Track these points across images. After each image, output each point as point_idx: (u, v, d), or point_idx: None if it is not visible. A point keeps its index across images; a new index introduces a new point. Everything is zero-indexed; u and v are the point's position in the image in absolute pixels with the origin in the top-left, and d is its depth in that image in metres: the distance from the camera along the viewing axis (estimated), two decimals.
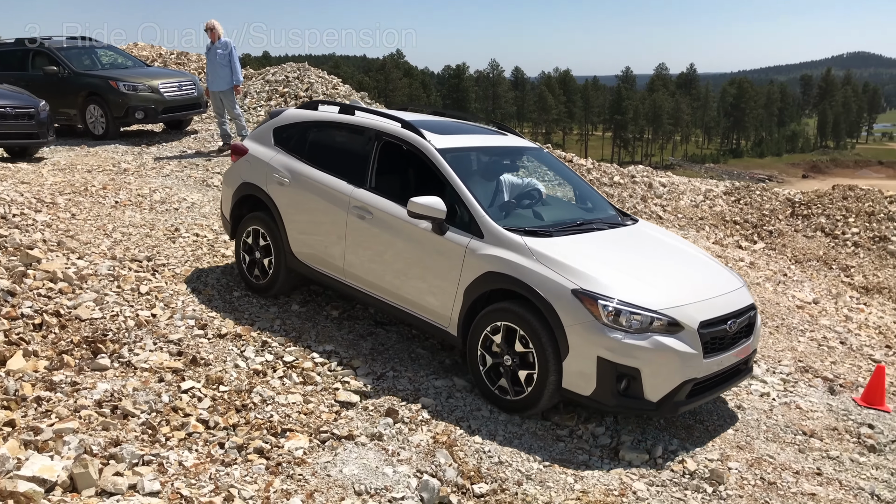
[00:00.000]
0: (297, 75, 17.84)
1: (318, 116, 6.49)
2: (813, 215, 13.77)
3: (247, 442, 4.22)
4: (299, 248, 6.25)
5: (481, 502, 3.97)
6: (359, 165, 5.92)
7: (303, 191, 6.17)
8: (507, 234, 5.05)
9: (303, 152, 6.38)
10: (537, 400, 4.79)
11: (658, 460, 4.60)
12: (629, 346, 4.48)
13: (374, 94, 73.56)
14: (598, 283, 4.64)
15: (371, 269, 5.75)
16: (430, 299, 5.37)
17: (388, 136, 5.89)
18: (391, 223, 5.53)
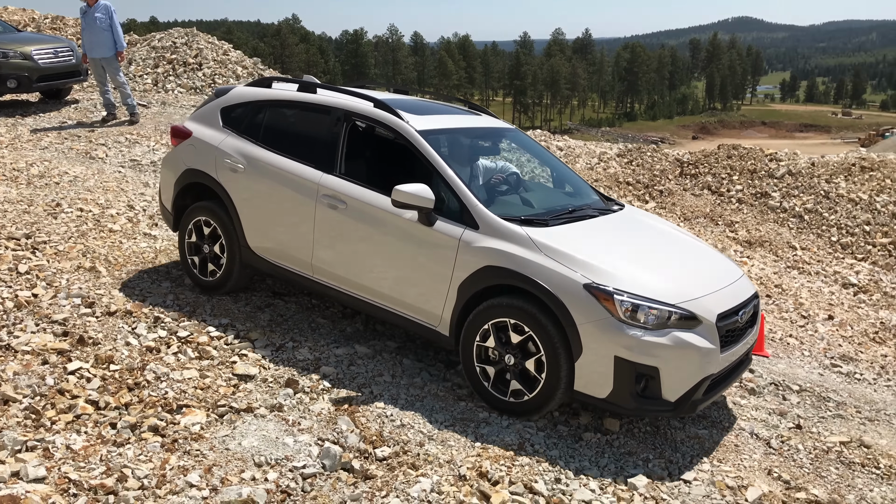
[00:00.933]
0: (186, 41, 17.10)
1: (273, 95, 5.88)
2: (700, 174, 14.40)
3: (140, 420, 4.10)
4: (257, 241, 5.71)
5: (384, 465, 4.00)
6: (326, 149, 5.40)
7: (261, 178, 5.61)
8: (505, 225, 4.64)
9: (258, 135, 5.79)
10: (545, 403, 4.46)
11: (555, 414, 4.76)
12: (648, 344, 4.16)
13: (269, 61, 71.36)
14: (612, 276, 4.30)
15: (345, 264, 5.24)
16: (416, 296, 4.93)
17: (359, 116, 5.40)
18: (369, 213, 5.04)
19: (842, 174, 13.57)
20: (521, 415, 4.58)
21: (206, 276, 6.04)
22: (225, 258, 5.90)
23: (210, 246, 5.98)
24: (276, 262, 5.67)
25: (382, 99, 5.43)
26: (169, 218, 6.36)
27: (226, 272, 5.93)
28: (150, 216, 7.83)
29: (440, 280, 4.77)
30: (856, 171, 13.59)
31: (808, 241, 11.62)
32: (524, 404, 4.53)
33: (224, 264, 5.92)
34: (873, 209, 12.50)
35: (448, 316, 4.79)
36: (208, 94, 15.56)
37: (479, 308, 4.62)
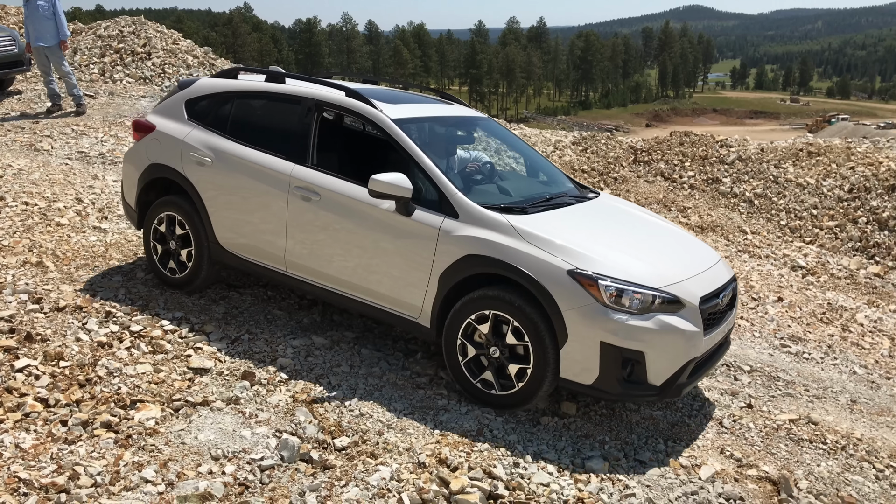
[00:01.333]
0: (133, 30, 16.70)
1: (239, 86, 5.71)
2: (653, 161, 14.61)
3: (92, 417, 4.02)
4: (227, 236, 5.56)
5: (343, 455, 3.99)
6: (297, 140, 5.27)
7: (230, 171, 5.45)
8: (486, 213, 4.57)
9: (225, 127, 5.64)
10: (533, 393, 4.41)
11: None
12: (634, 329, 4.14)
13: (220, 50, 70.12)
14: (595, 261, 4.28)
15: (320, 257, 5.12)
16: (395, 288, 4.83)
17: (330, 106, 5.29)
18: (344, 204, 4.93)
19: (790, 159, 13.89)
20: (509, 407, 4.52)
21: (173, 274, 5.87)
22: (192, 254, 5.74)
23: (177, 242, 5.82)
24: (247, 258, 5.53)
25: (354, 88, 5.31)
26: (133, 215, 6.14)
27: (194, 269, 5.77)
28: (100, 209, 7.66)
29: (420, 271, 4.68)
30: (803, 157, 13.92)
31: (758, 226, 11.89)
32: (512, 396, 4.47)
33: (192, 261, 5.76)
34: (820, 193, 12.82)
35: (429, 307, 4.70)
36: (158, 84, 15.24)
37: (461, 300, 4.53)
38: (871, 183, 12.74)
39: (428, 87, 6.64)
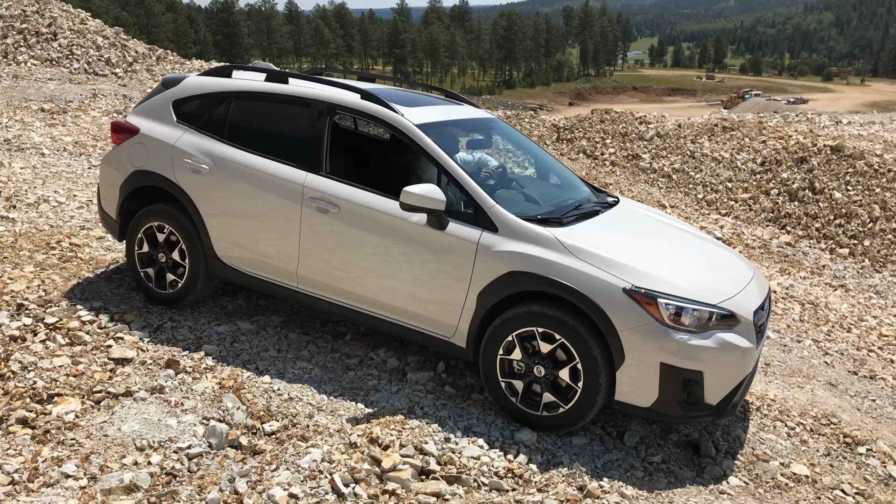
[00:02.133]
0: (37, 9, 15.92)
1: (237, 86, 5.25)
2: (576, 139, 14.86)
3: (7, 413, 3.86)
4: (227, 250, 5.13)
5: (273, 439, 3.96)
6: (308, 146, 4.89)
7: (231, 180, 5.02)
8: (527, 226, 4.30)
9: (222, 131, 5.19)
10: (582, 415, 4.16)
11: (442, 376, 4.84)
12: (695, 348, 3.95)
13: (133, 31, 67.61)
14: (649, 277, 4.06)
15: (339, 273, 4.75)
16: (426, 307, 4.52)
17: (345, 110, 4.91)
18: (368, 217, 4.58)
19: (706, 134, 14.34)
20: (556, 429, 4.26)
21: (164, 289, 5.37)
22: (187, 268, 5.27)
23: (167, 254, 5.33)
24: (250, 273, 5.11)
25: (368, 90, 4.96)
26: (113, 226, 5.60)
27: (188, 283, 5.29)
28: (7, 198, 7.31)
29: (456, 288, 4.39)
30: (718, 132, 14.39)
31: (677, 199, 12.26)
32: (559, 417, 4.22)
33: (186, 274, 5.28)
34: (734, 167, 13.29)
35: (466, 326, 4.41)
36: (66, 66, 14.59)
37: (502, 318, 4.27)
38: (781, 156, 13.27)
39: (434, 87, 6.22)
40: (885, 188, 12.61)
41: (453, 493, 3.59)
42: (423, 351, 5.16)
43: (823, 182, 12.73)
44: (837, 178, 12.85)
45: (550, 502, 3.65)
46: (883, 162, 13.10)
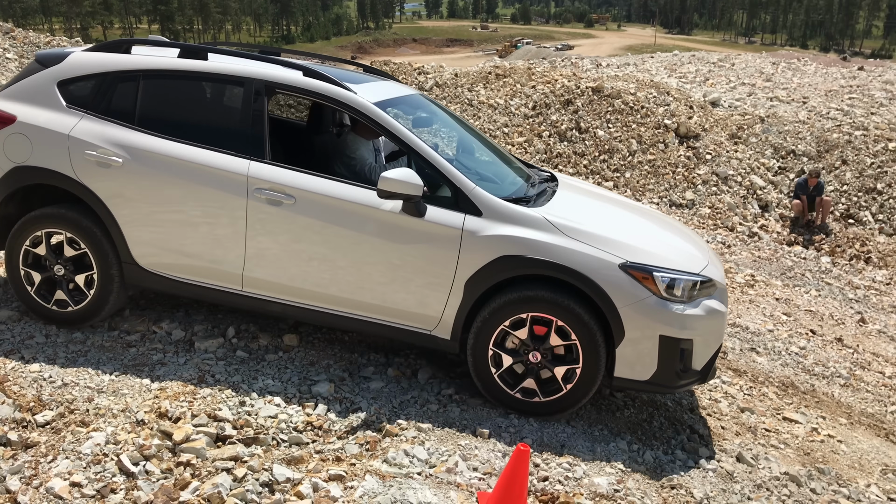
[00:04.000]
0: None
1: (145, 64, 4.55)
2: None
3: None
4: (149, 255, 4.50)
5: (48, 430, 3.66)
6: (246, 131, 4.37)
7: (154, 173, 4.37)
8: (513, 208, 4.14)
9: (132, 117, 4.49)
10: (583, 395, 4.14)
11: (233, 341, 4.72)
12: (688, 318, 4.03)
13: None
14: (641, 252, 4.08)
15: (296, 271, 4.33)
16: (404, 300, 4.23)
17: (287, 89, 4.43)
18: (333, 207, 4.19)
19: (481, 82, 14.88)
20: (555, 413, 4.23)
21: (63, 307, 4.61)
22: (96, 280, 4.54)
23: (66, 267, 4.56)
24: (181, 279, 4.52)
25: (311, 66, 4.53)
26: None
27: (98, 298, 4.56)
28: None
29: (440, 278, 4.15)
30: (492, 79, 14.99)
31: None
32: (558, 401, 4.18)
33: (95, 287, 4.55)
34: (509, 112, 13.96)
35: (451, 317, 4.19)
36: None
37: (493, 305, 4.11)
38: (550, 99, 14.12)
39: (347, 61, 5.66)
40: (639, 123, 13.87)
41: (252, 454, 3.54)
42: (211, 318, 4.99)
43: (588, 122, 13.74)
44: (600, 117, 13.92)
45: (351, 447, 3.72)
46: (637, 100, 14.37)
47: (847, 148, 13.47)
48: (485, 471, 3.65)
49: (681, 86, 18.22)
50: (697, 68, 22.18)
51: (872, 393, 6.36)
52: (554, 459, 3.88)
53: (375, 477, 3.43)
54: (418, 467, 3.60)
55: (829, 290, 9.98)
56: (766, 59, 23.89)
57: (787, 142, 13.84)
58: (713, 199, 12.36)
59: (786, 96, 17.84)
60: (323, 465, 3.54)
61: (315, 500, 3.24)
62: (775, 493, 4.15)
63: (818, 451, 4.79)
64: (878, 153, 13.24)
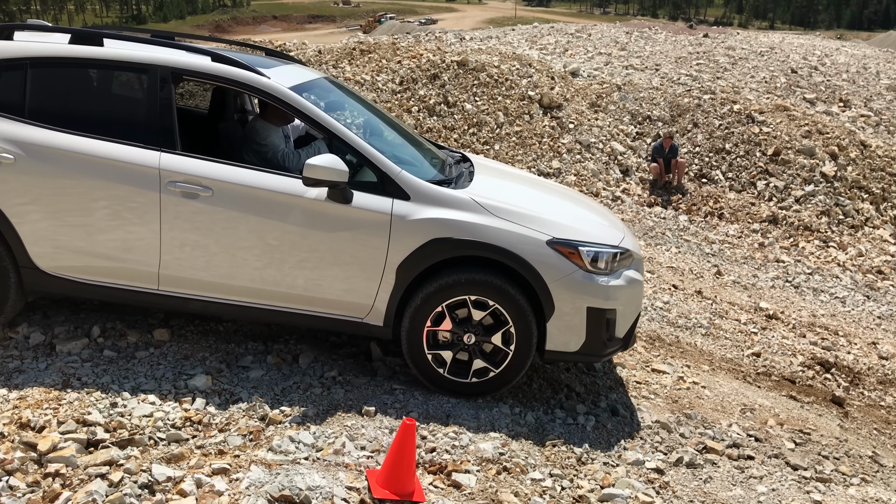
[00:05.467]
0: None
1: (32, 51, 4.18)
2: None
3: None
4: (52, 258, 4.17)
5: None
6: (152, 121, 4.14)
7: (52, 170, 4.06)
8: (442, 191, 4.15)
9: (21, 109, 4.13)
10: (515, 374, 4.24)
11: (99, 341, 4.48)
12: (612, 288, 4.19)
13: None
14: (564, 228, 4.22)
15: (217, 266, 4.14)
16: (333, 289, 4.14)
17: (195, 75, 4.26)
18: (254, 197, 4.05)
19: (346, 59, 14.67)
20: (486, 393, 4.30)
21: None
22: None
23: None
24: (90, 281, 4.24)
25: (218, 51, 4.35)
26: None
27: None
28: None
29: (370, 265, 4.10)
30: (357, 55, 14.80)
31: None
32: (490, 382, 4.26)
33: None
34: (377, 88, 13.85)
35: (383, 304, 4.15)
36: None
37: (427, 289, 4.10)
38: (416, 74, 14.12)
39: (248, 45, 5.39)
40: (504, 96, 14.15)
41: (128, 456, 3.39)
42: (73, 318, 4.70)
43: (455, 96, 13.86)
44: (466, 90, 14.08)
45: (233, 439, 3.63)
46: (501, 72, 14.63)
47: (697, 111, 14.29)
48: (373, 448, 3.67)
49: (542, 57, 18.70)
50: (557, 39, 22.82)
51: (730, 339, 6.85)
52: (440, 430, 3.95)
53: (261, 466, 3.37)
54: (305, 452, 3.58)
55: (687, 247, 10.63)
56: (620, 29, 24.90)
57: (643, 108, 14.52)
58: (578, 166, 12.81)
59: (640, 64, 18.69)
60: (205, 459, 3.44)
61: (199, 496, 3.15)
62: (648, 441, 4.41)
63: (685, 398, 5.12)
64: (725, 115, 14.13)
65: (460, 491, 3.45)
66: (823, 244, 11.38)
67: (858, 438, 5.29)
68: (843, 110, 16.81)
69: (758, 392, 5.71)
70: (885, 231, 12.04)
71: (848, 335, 7.87)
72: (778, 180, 12.82)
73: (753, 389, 5.76)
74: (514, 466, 3.71)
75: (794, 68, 19.06)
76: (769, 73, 18.62)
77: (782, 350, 6.89)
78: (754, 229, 11.66)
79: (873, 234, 11.93)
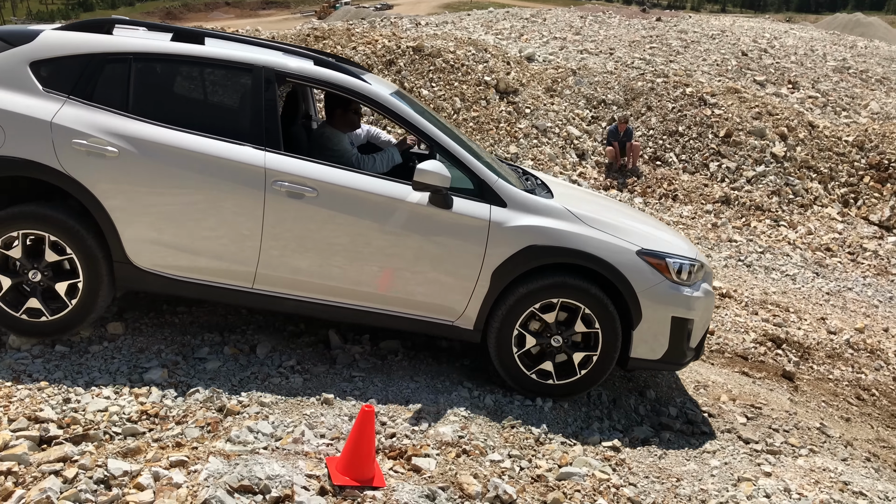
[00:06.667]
0: None
1: (137, 46, 4.17)
2: None
3: None
4: (147, 253, 4.13)
5: None
6: (258, 121, 4.14)
7: (158, 165, 4.03)
8: (536, 200, 4.29)
9: (125, 103, 4.10)
10: (599, 378, 4.41)
11: None
12: (693, 299, 4.37)
13: None
14: (651, 239, 4.42)
15: (315, 267, 4.17)
16: (429, 292, 4.23)
17: (299, 78, 4.28)
18: (358, 199, 4.10)
19: (300, 45, 14.50)
20: (569, 395, 4.45)
21: (36, 316, 4.13)
22: (82, 283, 4.09)
23: (44, 272, 4.08)
24: (183, 278, 4.20)
25: (319, 56, 4.50)
26: None
27: (83, 304, 4.13)
28: None
29: (466, 269, 4.20)
30: (311, 42, 14.63)
31: None
32: (574, 384, 4.40)
33: (81, 292, 4.11)
34: None
35: (476, 307, 4.26)
36: None
37: (519, 293, 4.22)
38: (372, 60, 14.01)
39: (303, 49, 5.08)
40: (461, 81, 14.13)
41: (83, 452, 3.33)
42: None
43: (412, 81, 13.80)
44: (423, 76, 14.03)
45: (191, 431, 3.61)
46: (457, 58, 14.60)
47: (651, 95, 14.47)
48: (332, 436, 3.67)
49: (497, 42, 18.72)
50: (512, 24, 22.85)
51: None
52: (400, 415, 3.97)
53: (220, 457, 3.35)
54: (264, 442, 3.56)
55: None
56: (574, 13, 25.01)
57: (598, 92, 14.65)
58: (535, 151, 12.88)
59: (594, 49, 18.82)
60: (162, 452, 3.40)
61: (157, 489, 3.12)
62: (606, 421, 4.50)
63: (640, 377, 5.22)
64: (678, 98, 14.33)
65: (420, 475, 3.48)
66: (774, 223, 11.65)
67: (807, 411, 5.46)
68: (791, 92, 17.18)
69: (711, 369, 5.85)
70: (833, 209, 12.37)
71: (798, 311, 8.09)
72: (730, 161, 13.06)
73: (707, 367, 5.90)
74: (473, 449, 3.75)
75: (744, 51, 19.40)
76: (720, 56, 18.92)
77: (735, 327, 7.06)
78: (707, 210, 11.88)
79: (822, 212, 12.25)
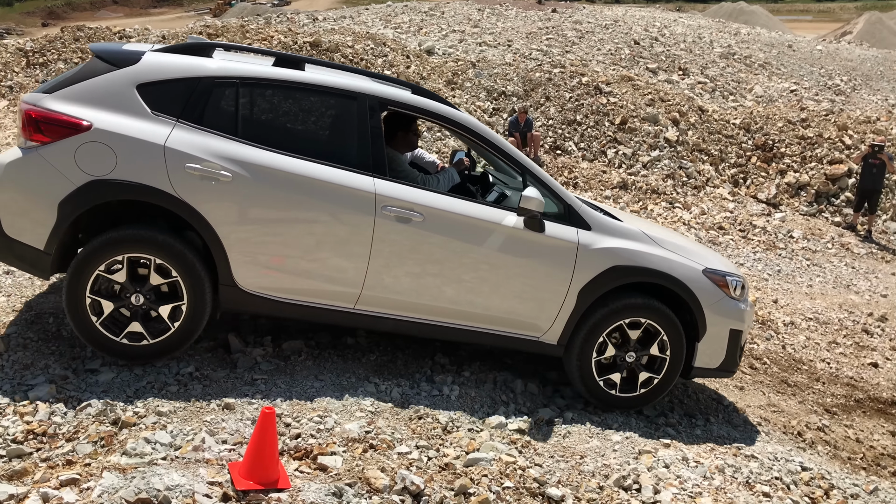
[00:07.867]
0: None
1: (240, 71, 4.20)
2: (51, 62, 13.34)
3: None
4: (254, 276, 4.17)
5: None
6: (364, 147, 4.26)
7: (271, 189, 4.09)
8: (614, 223, 4.64)
9: (234, 127, 4.13)
10: (666, 388, 4.78)
11: None
12: (745, 313, 4.83)
13: None
14: (710, 259, 4.87)
15: (416, 288, 4.35)
16: (519, 310, 4.49)
17: (399, 106, 4.45)
18: (460, 223, 4.32)
19: None
20: (639, 406, 4.82)
21: (137, 340, 4.07)
22: (186, 306, 4.07)
23: (147, 296, 4.05)
24: (287, 300, 4.26)
25: (414, 84, 4.70)
26: (37, 259, 4.01)
27: (186, 328, 4.11)
28: None
29: (556, 288, 4.47)
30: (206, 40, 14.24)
31: None
32: (643, 396, 4.75)
33: (184, 314, 4.08)
34: None
35: (561, 324, 4.53)
36: None
37: (603, 311, 4.52)
38: None
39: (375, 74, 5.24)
40: None
41: None
42: None
43: None
44: None
45: (83, 447, 3.46)
46: (355, 52, 14.51)
47: (549, 85, 14.75)
48: (234, 441, 3.60)
49: (397, 36, 18.69)
50: (411, 18, 22.85)
51: None
52: (305, 415, 3.92)
53: (115, 472, 3.23)
54: (163, 452, 3.45)
55: None
56: (472, 6, 25.21)
57: (498, 84, 14.83)
58: (438, 144, 12.95)
59: (493, 41, 19.05)
60: (52, 472, 3.25)
61: None
62: (511, 405, 4.58)
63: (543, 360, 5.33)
64: (575, 88, 14.68)
65: (326, 473, 3.45)
66: (670, 205, 12.11)
67: (703, 382, 5.71)
68: (682, 78, 17.88)
69: None
70: (724, 189, 12.96)
71: None
72: (626, 148, 13.48)
73: None
74: (380, 443, 3.75)
75: (636, 40, 20.05)
76: (614, 45, 19.49)
77: None
78: (607, 196, 12.23)
79: (714, 192, 12.82)
